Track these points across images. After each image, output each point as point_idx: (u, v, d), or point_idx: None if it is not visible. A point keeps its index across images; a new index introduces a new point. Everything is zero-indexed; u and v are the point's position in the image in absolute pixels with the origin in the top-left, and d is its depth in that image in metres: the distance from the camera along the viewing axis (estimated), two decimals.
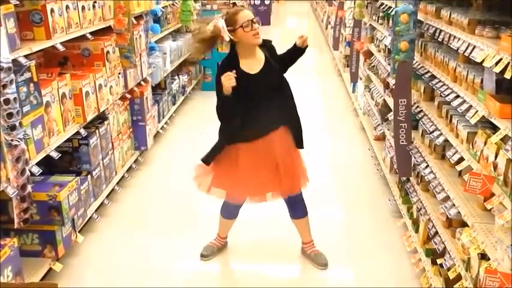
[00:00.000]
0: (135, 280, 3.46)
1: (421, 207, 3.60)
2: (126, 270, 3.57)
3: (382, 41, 5.16)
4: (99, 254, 3.77)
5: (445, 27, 3.21)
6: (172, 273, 3.55)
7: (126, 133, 4.90)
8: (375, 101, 5.56)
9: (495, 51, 2.41)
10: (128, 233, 4.07)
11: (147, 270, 3.57)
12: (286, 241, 3.86)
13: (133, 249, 3.83)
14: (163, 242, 3.90)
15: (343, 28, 9.13)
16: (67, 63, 4.16)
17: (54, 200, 3.24)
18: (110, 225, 4.16)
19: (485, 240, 2.50)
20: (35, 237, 3.32)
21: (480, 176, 2.42)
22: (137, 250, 3.82)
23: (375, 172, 5.20)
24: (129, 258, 3.71)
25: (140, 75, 5.22)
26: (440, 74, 3.34)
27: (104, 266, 3.63)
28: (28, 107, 3.06)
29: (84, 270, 3.58)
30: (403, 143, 3.86)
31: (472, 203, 2.86)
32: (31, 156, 3.11)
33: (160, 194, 4.77)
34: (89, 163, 3.99)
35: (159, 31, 6.08)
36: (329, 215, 4.38)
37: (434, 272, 3.24)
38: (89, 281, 3.46)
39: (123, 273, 3.54)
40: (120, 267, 3.61)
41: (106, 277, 3.49)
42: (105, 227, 4.12)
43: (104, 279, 3.47)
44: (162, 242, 3.90)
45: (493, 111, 2.45)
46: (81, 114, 3.82)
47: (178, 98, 7.23)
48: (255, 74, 3.20)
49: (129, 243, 3.91)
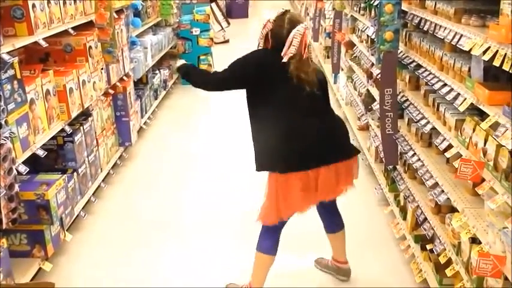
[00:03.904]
0: (125, 278, 3.43)
1: (409, 195, 3.65)
2: (115, 268, 3.55)
3: (364, 32, 5.19)
4: (88, 253, 3.73)
5: (431, 17, 3.24)
6: (161, 269, 3.54)
7: (110, 129, 4.84)
8: (358, 91, 5.60)
9: (483, 40, 2.44)
10: (116, 230, 4.04)
11: (137, 267, 3.55)
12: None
13: (122, 246, 3.80)
14: (151, 239, 3.88)
15: (323, 19, 9.14)
16: (48, 60, 4.09)
17: (42, 198, 3.19)
18: (97, 223, 4.12)
19: (476, 225, 2.55)
20: (24, 237, 3.27)
21: (471, 162, 2.46)
22: (126, 247, 3.79)
23: (360, 161, 5.22)
24: (118, 256, 3.68)
25: (122, 70, 5.16)
26: (426, 63, 3.37)
27: (94, 265, 3.59)
28: (13, 105, 3.00)
29: (74, 269, 3.54)
30: (390, 132, 3.89)
31: (461, 189, 2.91)
32: (17, 155, 3.05)
33: (146, 189, 4.74)
34: (75, 160, 3.94)
35: (140, 25, 6.02)
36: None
37: (424, 258, 3.29)
38: (79, 280, 3.42)
39: (112, 271, 3.51)
40: (109, 265, 3.58)
41: (96, 276, 3.46)
42: (93, 225, 4.08)
43: (93, 278, 3.44)
44: (150, 239, 3.88)
45: (482, 99, 2.48)
46: (66, 111, 3.76)
47: (160, 92, 7.18)
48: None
49: (117, 241, 3.88)
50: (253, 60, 2.94)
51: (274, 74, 2.86)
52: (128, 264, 3.58)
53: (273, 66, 2.86)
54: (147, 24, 6.70)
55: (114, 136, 4.97)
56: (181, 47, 8.39)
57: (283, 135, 2.80)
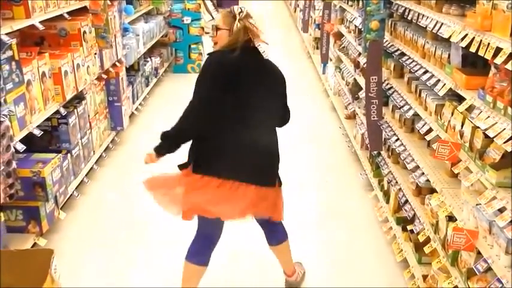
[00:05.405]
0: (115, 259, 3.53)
1: (392, 179, 3.80)
2: (106, 248, 3.64)
3: (352, 22, 5.32)
4: (80, 231, 3.84)
5: (414, 7, 3.38)
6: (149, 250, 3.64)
7: (102, 113, 4.94)
8: (346, 80, 5.74)
9: (461, 28, 2.59)
10: (107, 210, 4.15)
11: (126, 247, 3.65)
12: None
13: (113, 227, 3.91)
14: (141, 220, 3.98)
15: (313, 11, 9.27)
16: (43, 43, 4.17)
17: (38, 176, 3.30)
18: (89, 203, 4.23)
19: (453, 203, 2.71)
20: (19, 213, 3.38)
21: (448, 143, 2.61)
22: (117, 228, 3.89)
23: (346, 149, 5.40)
24: (108, 236, 3.79)
25: (115, 56, 5.24)
26: (409, 51, 3.52)
27: (85, 243, 3.70)
28: (11, 85, 3.10)
29: (66, 246, 3.64)
30: (374, 118, 4.05)
31: (440, 171, 3.07)
32: (15, 133, 3.15)
33: (137, 172, 4.80)
34: (69, 142, 4.04)
35: (132, 12, 6.10)
36: (302, 190, 4.53)
37: (405, 238, 3.45)
38: (71, 257, 3.52)
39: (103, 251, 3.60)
40: (100, 245, 3.67)
41: (88, 253, 3.57)
42: (86, 205, 4.19)
43: (86, 255, 3.55)
44: (140, 220, 3.98)
45: (459, 83, 2.63)
46: (61, 93, 3.86)
47: (151, 79, 7.26)
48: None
49: (108, 221, 3.99)
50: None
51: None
52: (118, 244, 3.69)
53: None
54: (139, 11, 6.77)
55: (106, 120, 5.07)
56: (172, 35, 8.46)
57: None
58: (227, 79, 2.56)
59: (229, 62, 2.56)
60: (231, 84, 2.55)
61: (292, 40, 11.88)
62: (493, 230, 2.28)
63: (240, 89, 2.57)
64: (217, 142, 2.62)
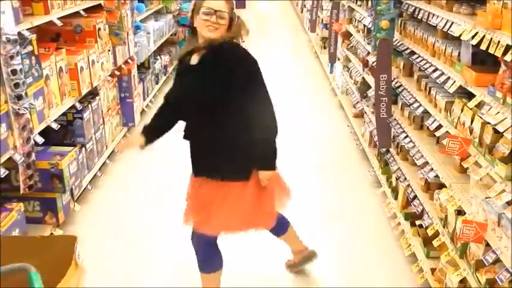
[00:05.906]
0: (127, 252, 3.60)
1: (401, 175, 3.87)
2: (121, 237, 3.74)
3: (361, 22, 5.39)
4: (94, 223, 3.93)
5: (424, 6, 3.45)
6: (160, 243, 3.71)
7: (115, 109, 5.02)
8: (354, 79, 5.81)
9: (472, 26, 2.66)
10: (120, 204, 4.23)
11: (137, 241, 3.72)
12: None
13: (126, 219, 3.99)
14: (152, 213, 4.06)
15: (320, 11, 9.34)
16: (59, 40, 4.26)
17: (56, 168, 3.38)
18: (103, 196, 4.32)
19: (462, 198, 2.77)
20: (36, 205, 3.47)
21: (458, 138, 2.67)
22: (129, 220, 3.98)
23: (354, 147, 5.47)
24: (122, 229, 3.87)
25: (127, 53, 5.33)
26: (419, 49, 3.59)
27: (100, 234, 3.78)
28: (30, 79, 3.18)
29: (82, 237, 3.71)
30: (384, 116, 4.11)
31: (449, 167, 3.13)
32: (34, 126, 3.24)
33: (148, 167, 4.92)
34: (83, 136, 4.13)
35: (144, 10, 6.19)
36: (311, 187, 4.60)
37: (413, 233, 3.51)
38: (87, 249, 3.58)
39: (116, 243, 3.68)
40: (113, 237, 3.75)
41: (105, 244, 3.65)
42: (99, 198, 4.28)
43: (102, 246, 3.62)
44: (151, 213, 4.07)
45: (469, 80, 2.70)
46: (77, 88, 3.95)
47: (161, 77, 7.35)
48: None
49: (121, 214, 4.07)
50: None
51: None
52: (130, 237, 3.77)
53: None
54: (149, 10, 6.87)
55: (118, 116, 5.16)
56: (182, 34, 8.55)
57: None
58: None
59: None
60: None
61: (299, 40, 11.95)
62: (502, 222, 2.34)
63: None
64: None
